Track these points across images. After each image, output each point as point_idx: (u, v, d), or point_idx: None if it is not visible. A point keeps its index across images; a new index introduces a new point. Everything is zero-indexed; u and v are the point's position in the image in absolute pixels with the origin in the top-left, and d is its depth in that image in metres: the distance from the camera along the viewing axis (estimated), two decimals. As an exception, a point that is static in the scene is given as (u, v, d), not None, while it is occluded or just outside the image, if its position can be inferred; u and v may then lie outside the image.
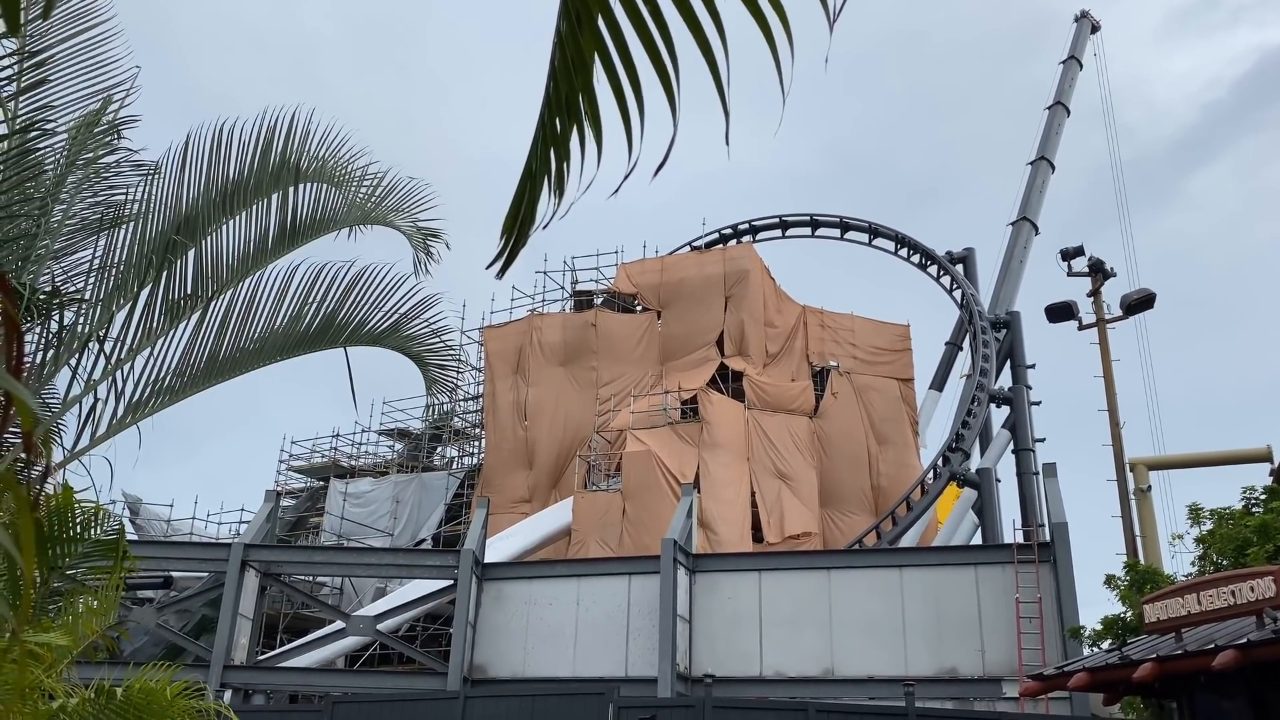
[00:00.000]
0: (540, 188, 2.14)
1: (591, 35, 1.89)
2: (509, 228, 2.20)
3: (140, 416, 6.92)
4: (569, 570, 22.99)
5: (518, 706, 15.86)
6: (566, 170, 2.11)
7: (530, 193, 2.16)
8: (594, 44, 1.91)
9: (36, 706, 4.51)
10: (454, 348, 7.84)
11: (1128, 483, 25.27)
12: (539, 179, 2.13)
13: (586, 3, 1.83)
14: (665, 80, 1.96)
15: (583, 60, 1.90)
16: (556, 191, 2.13)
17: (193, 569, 25.37)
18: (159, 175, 7.01)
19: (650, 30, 1.88)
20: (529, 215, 2.21)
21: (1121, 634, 15.41)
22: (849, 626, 20.38)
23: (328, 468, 39.84)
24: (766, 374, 35.53)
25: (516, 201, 2.20)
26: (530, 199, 2.17)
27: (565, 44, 1.90)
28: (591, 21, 1.87)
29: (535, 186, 2.14)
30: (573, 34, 1.87)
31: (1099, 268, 26.99)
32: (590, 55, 1.91)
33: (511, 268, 2.30)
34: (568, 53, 1.90)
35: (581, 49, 1.90)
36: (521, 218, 2.21)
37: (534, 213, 2.21)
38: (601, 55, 1.93)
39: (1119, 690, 12.43)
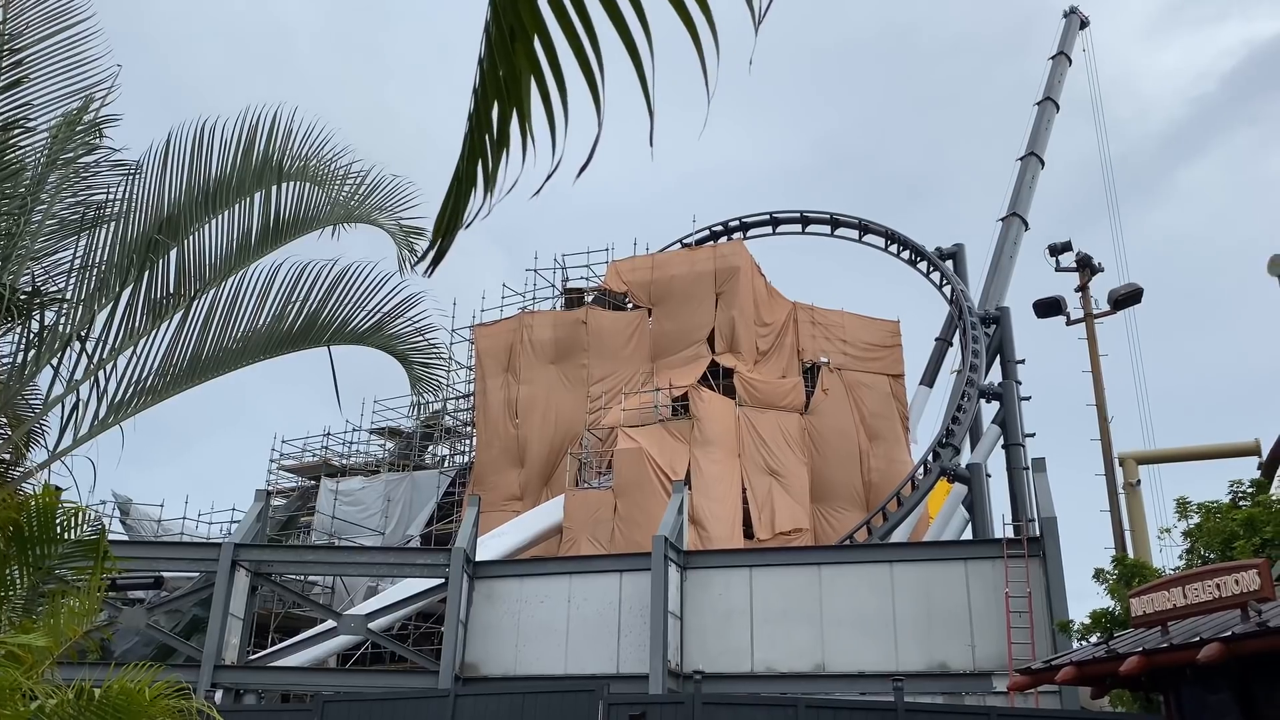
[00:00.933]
0: (467, 193, 2.15)
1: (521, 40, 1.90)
2: (438, 229, 2.20)
3: (123, 416, 6.90)
4: (560, 568, 23.00)
5: (508, 704, 15.85)
6: (495, 170, 2.11)
7: (458, 197, 2.16)
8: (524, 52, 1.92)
9: (16, 708, 4.49)
10: (438, 346, 7.82)
11: (1116, 477, 25.39)
12: (466, 184, 2.13)
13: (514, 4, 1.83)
14: (591, 81, 1.96)
15: (510, 63, 1.91)
16: (487, 192, 2.13)
17: (183, 569, 25.30)
18: (140, 174, 6.99)
19: (577, 31, 1.88)
20: (456, 218, 2.22)
21: (1109, 628, 15.48)
22: (840, 622, 20.43)
23: (318, 467, 39.77)
24: (757, 371, 35.58)
25: (445, 205, 2.21)
26: (458, 203, 2.18)
27: (494, 47, 1.90)
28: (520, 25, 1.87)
29: (463, 191, 2.14)
30: (501, 37, 1.87)
31: (1087, 263, 27.10)
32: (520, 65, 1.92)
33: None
34: (495, 55, 1.90)
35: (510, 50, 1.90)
36: (449, 220, 2.21)
37: (461, 216, 2.21)
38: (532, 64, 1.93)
39: (1106, 684, 12.47)
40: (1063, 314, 26.68)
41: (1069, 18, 48.90)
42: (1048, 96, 45.65)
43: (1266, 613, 9.53)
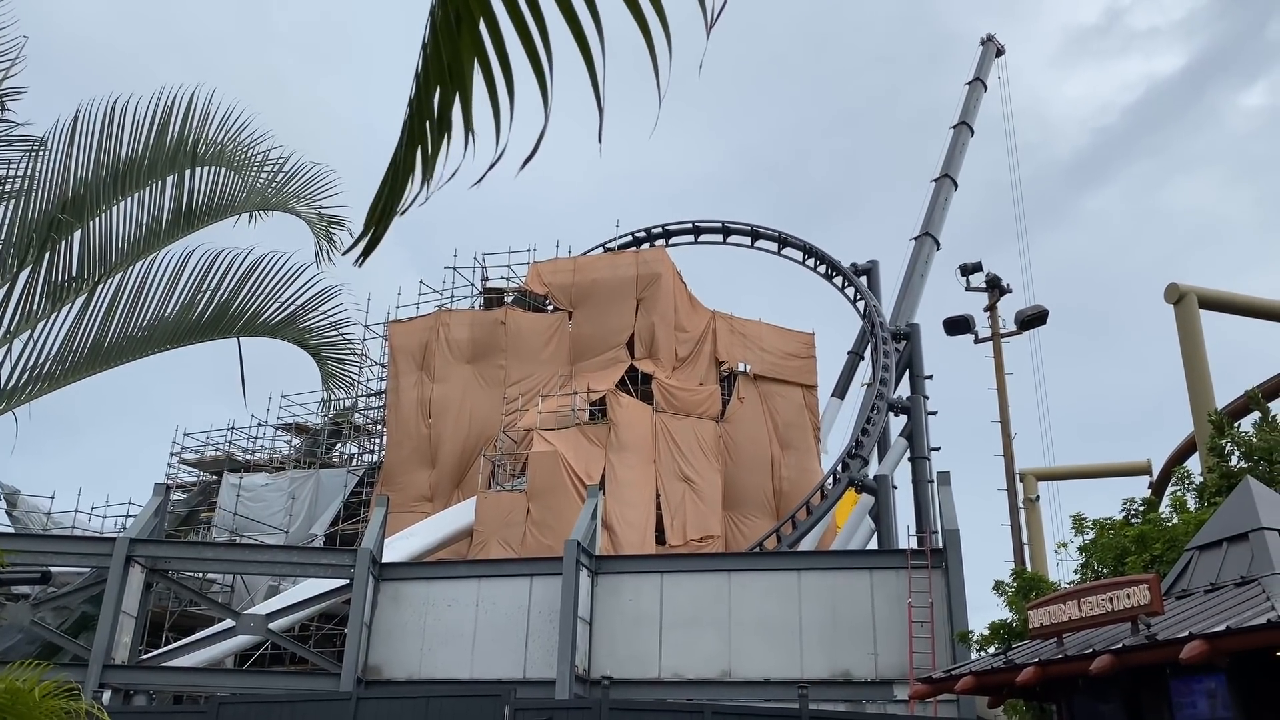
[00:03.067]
0: (405, 179, 2.10)
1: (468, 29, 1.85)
2: (372, 216, 2.15)
3: (17, 403, 6.57)
4: (469, 571, 22.73)
5: (411, 708, 15.59)
6: (435, 157, 2.06)
7: (395, 184, 2.11)
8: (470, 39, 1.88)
9: (-113, 709, 4.23)
10: (353, 341, 7.64)
11: (1017, 492, 26.17)
12: (404, 170, 2.08)
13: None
14: (539, 73, 1.93)
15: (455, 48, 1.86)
16: (425, 180, 2.08)
17: (73, 564, 24.28)
18: (45, 151, 6.67)
19: (525, 20, 1.85)
20: (391, 206, 2.16)
21: (1007, 639, 15.93)
22: (747, 628, 20.62)
23: (221, 461, 38.59)
24: (675, 377, 35.75)
25: (381, 191, 2.15)
26: (394, 190, 2.12)
27: (439, 32, 1.86)
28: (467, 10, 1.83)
29: (400, 178, 2.09)
30: (446, 22, 1.82)
31: (996, 284, 27.90)
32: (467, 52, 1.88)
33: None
34: (439, 40, 1.86)
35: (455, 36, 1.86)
36: (384, 208, 2.16)
37: (397, 203, 2.16)
38: (478, 50, 1.89)
39: (1003, 693, 12.82)
40: (971, 332, 27.41)
41: (986, 45, 50.45)
42: (963, 120, 47.00)
43: (1155, 626, 9.92)
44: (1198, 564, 11.68)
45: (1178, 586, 11.63)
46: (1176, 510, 16.34)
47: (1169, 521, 15.76)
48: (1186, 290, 27.27)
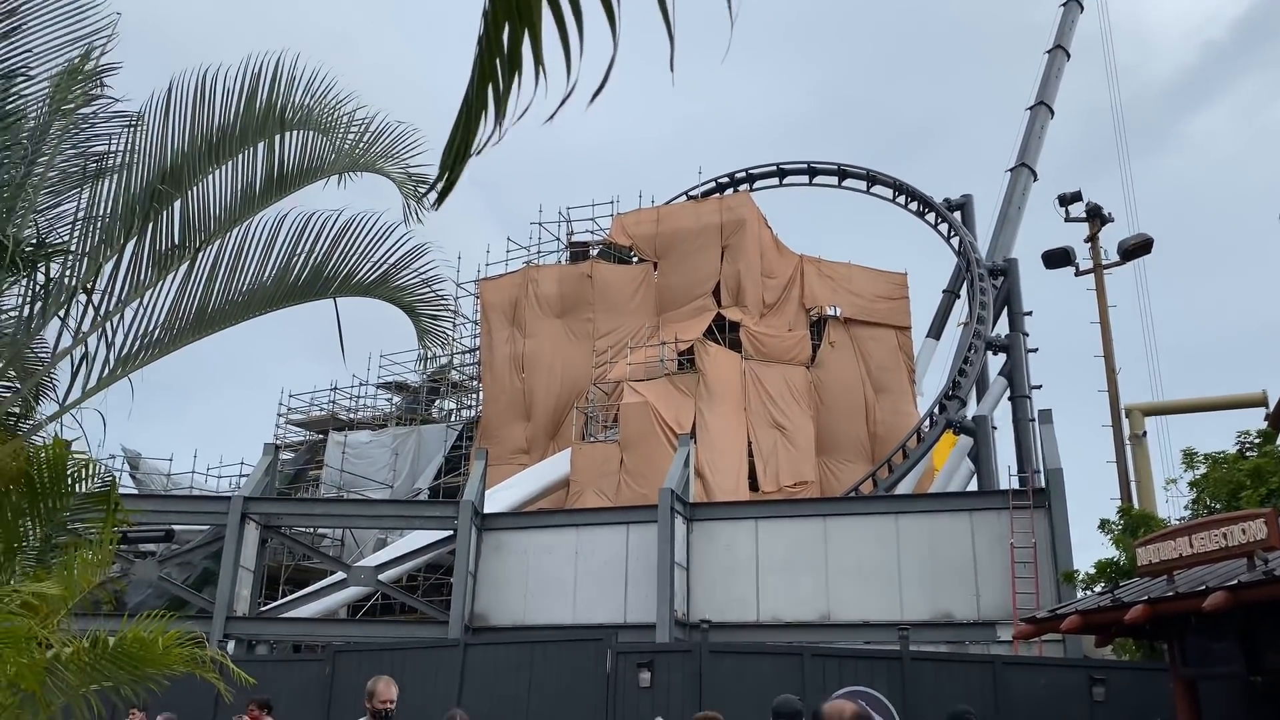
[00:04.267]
0: (477, 119, 2.09)
1: None
2: (446, 159, 2.16)
3: (131, 369, 6.87)
4: (567, 520, 23.17)
5: (518, 653, 16.04)
6: (506, 95, 2.05)
7: (468, 124, 2.11)
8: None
9: (32, 656, 4.53)
10: (445, 298, 7.75)
11: (1123, 429, 25.37)
12: (476, 109, 2.08)
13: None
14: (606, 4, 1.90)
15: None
16: (497, 120, 2.07)
17: (194, 522, 25.53)
18: (142, 125, 6.88)
19: None
20: (465, 147, 2.17)
21: (1114, 577, 15.57)
22: (845, 572, 20.58)
23: (326, 421, 39.94)
24: (763, 324, 35.49)
25: (455, 133, 2.15)
26: (467, 130, 2.12)
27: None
28: None
29: (473, 118, 2.09)
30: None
31: (1096, 213, 26.84)
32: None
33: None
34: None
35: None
36: (458, 149, 2.16)
37: (470, 144, 2.16)
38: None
39: (1111, 632, 12.56)
40: (1071, 265, 26.45)
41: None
42: (1058, 44, 44.95)
43: (1273, 561, 9.57)
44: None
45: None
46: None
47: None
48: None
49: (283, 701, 14.11)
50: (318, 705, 16.25)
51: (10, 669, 4.27)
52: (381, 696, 6.25)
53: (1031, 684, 14.42)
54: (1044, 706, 13.97)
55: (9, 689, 4.74)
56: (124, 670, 5.52)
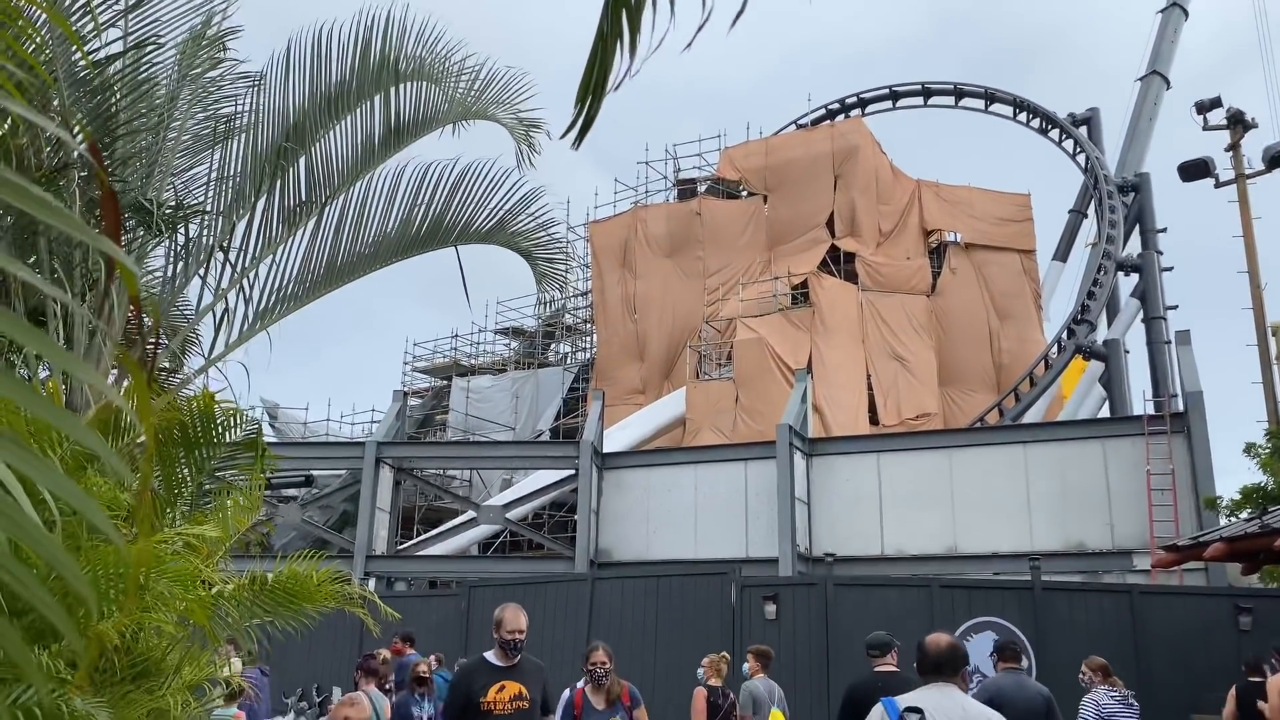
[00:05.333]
0: (612, 50, 2.06)
1: None
2: (583, 95, 2.13)
3: (269, 322, 7.20)
4: (686, 457, 23.37)
5: (643, 587, 16.38)
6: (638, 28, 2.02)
7: (603, 56, 2.08)
8: None
9: (199, 593, 4.86)
10: (560, 241, 7.85)
11: (1270, 347, 23.96)
12: (611, 40, 2.05)
13: None
14: None
15: None
16: (630, 51, 2.04)
17: (331, 467, 26.77)
18: (264, 85, 7.12)
19: None
20: (601, 81, 2.14)
21: (1262, 503, 14.87)
22: (972, 504, 20.23)
23: (449, 367, 41.12)
24: (880, 253, 34.67)
25: (590, 67, 2.13)
26: (603, 62, 2.09)
27: None
28: None
29: (608, 49, 2.06)
30: None
31: (1239, 119, 25.11)
32: None
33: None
34: None
35: None
36: (594, 84, 2.14)
37: (606, 77, 2.13)
38: None
39: (1259, 560, 12.04)
40: (1211, 176, 24.87)
41: None
42: (1194, -62, 41.82)
43: None
44: None
45: None
46: None
47: None
48: None
49: (422, 635, 14.79)
50: (456, 637, 16.98)
51: (180, 605, 4.59)
52: (509, 625, 5.72)
53: (1170, 613, 13.97)
54: (1185, 636, 13.54)
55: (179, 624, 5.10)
56: (281, 605, 5.87)
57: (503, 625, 5.68)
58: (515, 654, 5.70)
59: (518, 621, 5.76)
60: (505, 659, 5.67)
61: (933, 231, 36.27)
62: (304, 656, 17.02)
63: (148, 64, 6.49)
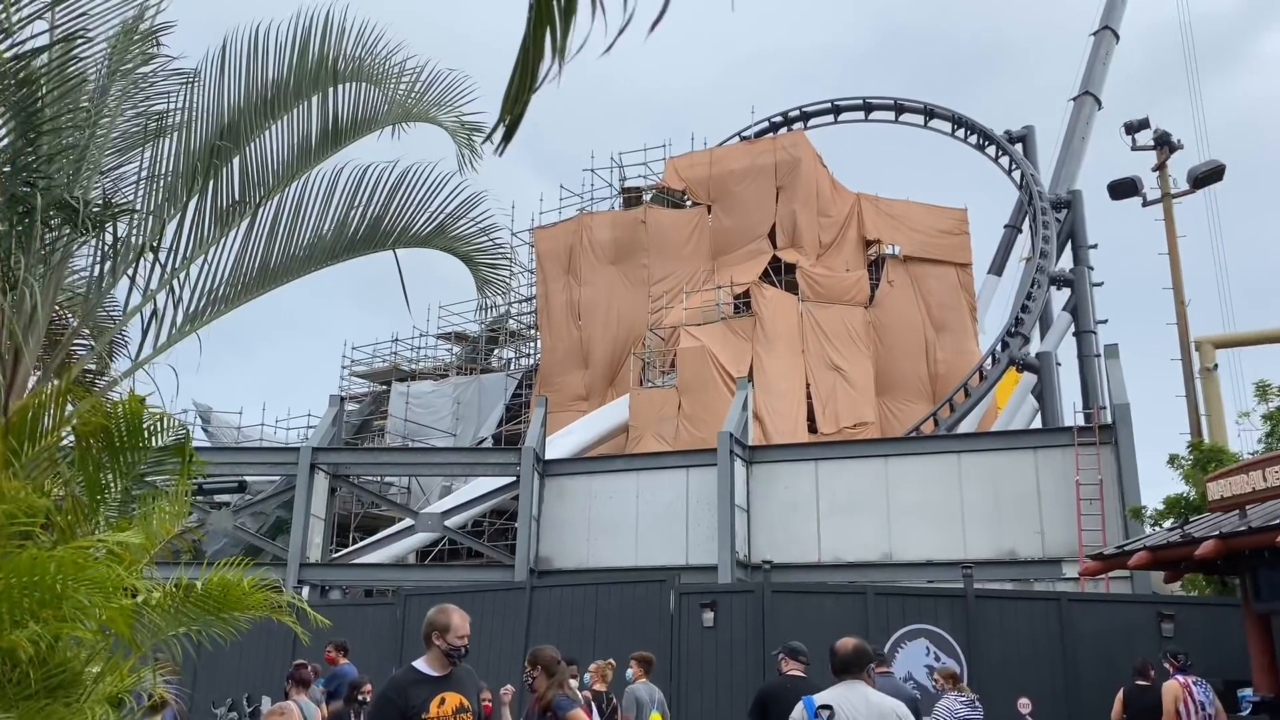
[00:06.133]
0: (537, 56, 2.06)
1: None
2: (508, 100, 2.13)
3: (200, 324, 7.04)
4: (628, 464, 23.38)
5: (583, 595, 16.33)
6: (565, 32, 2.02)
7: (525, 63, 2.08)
8: None
9: (121, 602, 4.73)
10: (502, 246, 7.78)
11: (1193, 362, 24.74)
12: (535, 47, 2.05)
13: None
14: None
15: None
16: (558, 57, 2.04)
17: (265, 473, 26.26)
18: (198, 82, 6.97)
19: None
20: (525, 87, 2.14)
21: (1184, 513, 15.31)
22: (907, 512, 20.53)
23: (389, 372, 40.62)
24: (820, 265, 35.09)
25: (515, 72, 2.13)
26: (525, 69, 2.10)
27: None
28: None
29: (531, 55, 2.06)
30: None
31: (1165, 140, 25.93)
32: None
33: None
34: None
35: None
36: (519, 90, 2.14)
37: (532, 83, 2.13)
38: None
39: (1181, 568, 12.40)
40: (1139, 195, 25.65)
41: (1149, -124, 45.75)
42: (1125, -36, 43.12)
43: (1352, 494, 9.32)
44: (1402, 427, 10.84)
45: (1378, 452, 10.85)
46: (1377, 372, 15.13)
47: (1368, 384, 14.64)
48: (1389, 131, 24.55)
49: (357, 644, 14.56)
50: (390, 647, 16.76)
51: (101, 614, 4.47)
52: (459, 630, 5.18)
53: (1097, 620, 14.31)
54: (1111, 642, 13.87)
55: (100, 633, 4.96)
56: (209, 614, 5.74)
57: (451, 630, 4.94)
58: (458, 662, 5.22)
59: (466, 626, 5.25)
60: (441, 668, 5.16)
61: (872, 244, 36.82)
62: (235, 666, 16.67)
63: (76, 58, 6.31)
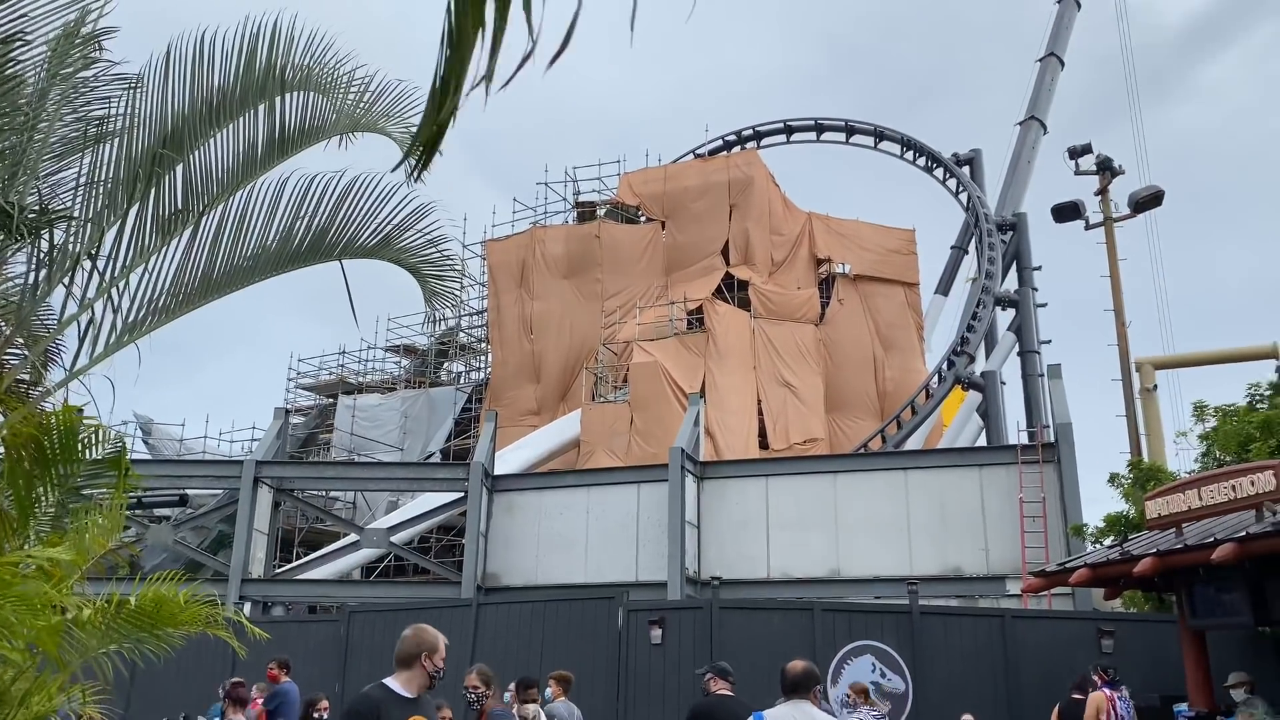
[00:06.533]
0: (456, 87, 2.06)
1: None
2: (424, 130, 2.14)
3: (139, 334, 6.88)
4: (578, 480, 23.28)
5: (530, 612, 16.20)
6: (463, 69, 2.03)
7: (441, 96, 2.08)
8: None
9: (49, 619, 4.59)
10: (452, 259, 7.70)
11: (1133, 382, 25.29)
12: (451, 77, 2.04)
13: None
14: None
15: None
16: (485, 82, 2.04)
17: (207, 486, 25.74)
18: (142, 88, 6.83)
19: None
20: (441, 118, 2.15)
21: (1123, 530, 15.61)
22: (855, 528, 20.68)
23: (335, 385, 40.07)
24: (772, 282, 35.37)
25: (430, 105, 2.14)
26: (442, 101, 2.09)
27: None
28: None
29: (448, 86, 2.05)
30: None
31: (1107, 165, 26.56)
32: None
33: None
34: None
35: None
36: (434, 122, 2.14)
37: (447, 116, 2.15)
38: None
39: (1120, 585, 12.62)
40: (1081, 218, 26.22)
41: (1093, -91, 46.96)
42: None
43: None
44: (1330, 448, 11.16)
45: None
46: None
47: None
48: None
49: (300, 661, 14.29)
50: (334, 664, 16.47)
51: (28, 632, 4.33)
52: (443, 653, 4.95)
53: (1039, 636, 14.51)
54: (1053, 658, 14.06)
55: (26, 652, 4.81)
56: (142, 630, 5.60)
57: (438, 652, 4.76)
58: (435, 685, 4.97)
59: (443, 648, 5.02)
60: (415, 690, 4.87)
61: (823, 262, 37.21)
62: (172, 684, 16.26)
63: (14, 60, 6.16)
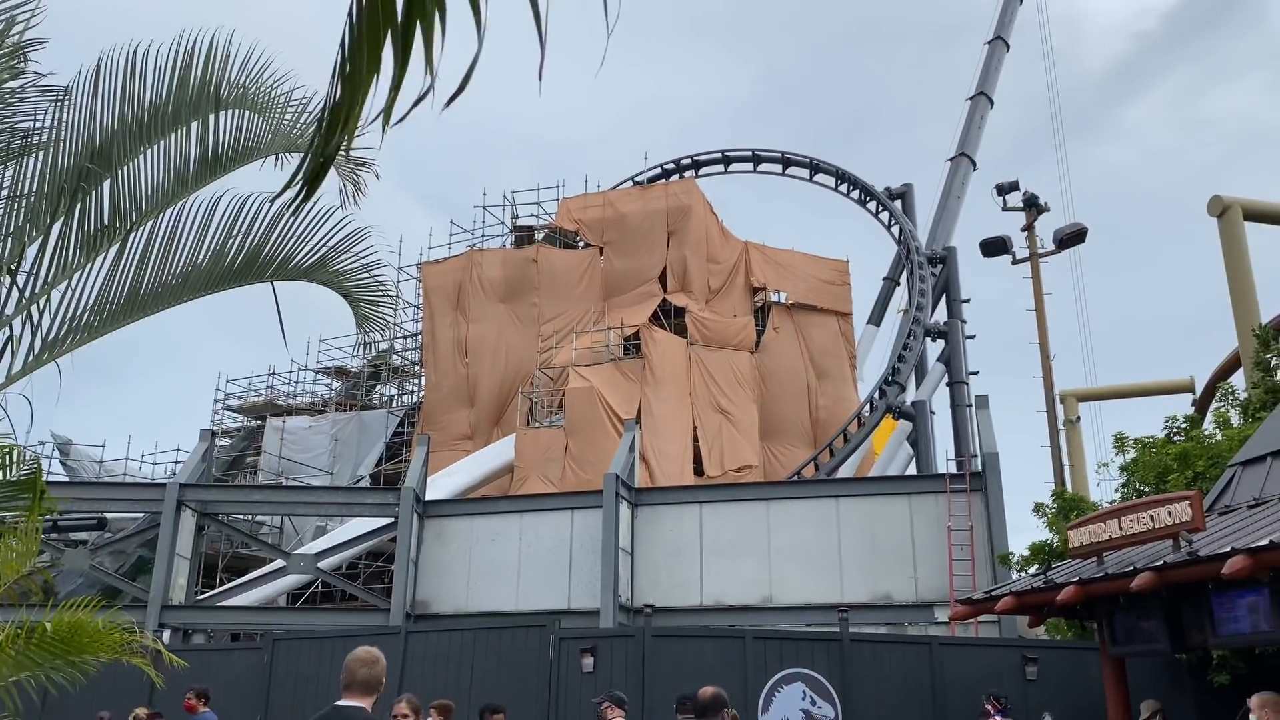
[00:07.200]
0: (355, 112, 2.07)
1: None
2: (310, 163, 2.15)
3: (60, 352, 6.68)
4: (511, 506, 23.08)
5: (460, 640, 15.96)
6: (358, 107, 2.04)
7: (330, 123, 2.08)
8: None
9: (-45, 649, 4.40)
10: (386, 283, 7.62)
11: (1058, 414, 25.99)
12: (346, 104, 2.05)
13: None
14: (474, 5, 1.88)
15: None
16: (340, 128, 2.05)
17: (127, 509, 24.93)
18: (70, 101, 6.66)
19: None
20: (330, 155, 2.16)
21: (1048, 559, 15.95)
22: (787, 555, 20.82)
23: (264, 406, 39.23)
24: (709, 310, 35.65)
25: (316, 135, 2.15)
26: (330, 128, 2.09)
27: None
28: None
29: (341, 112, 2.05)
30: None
31: (1033, 202, 27.41)
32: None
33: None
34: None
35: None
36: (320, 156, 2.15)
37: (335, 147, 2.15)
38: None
39: (1044, 613, 12.86)
40: (1009, 253, 27.02)
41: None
42: (998, 35, 45.64)
43: (1197, 542, 9.86)
44: (1241, 480, 11.56)
45: (1220, 503, 11.54)
46: (1220, 427, 16.14)
47: (1212, 439, 15.59)
48: (1230, 202, 26.54)
49: (221, 691, 13.88)
50: (256, 694, 16.03)
51: (-69, 662, 4.15)
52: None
53: (966, 663, 14.73)
54: (979, 685, 14.27)
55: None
56: (56, 657, 5.40)
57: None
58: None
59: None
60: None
61: (759, 290, 37.63)
62: (87, 713, 15.65)
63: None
